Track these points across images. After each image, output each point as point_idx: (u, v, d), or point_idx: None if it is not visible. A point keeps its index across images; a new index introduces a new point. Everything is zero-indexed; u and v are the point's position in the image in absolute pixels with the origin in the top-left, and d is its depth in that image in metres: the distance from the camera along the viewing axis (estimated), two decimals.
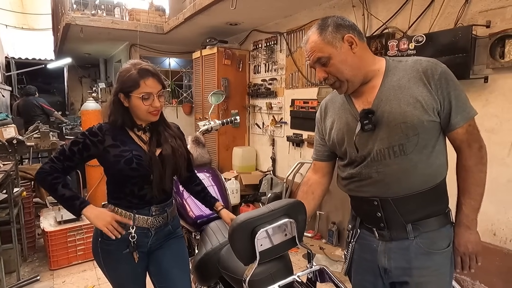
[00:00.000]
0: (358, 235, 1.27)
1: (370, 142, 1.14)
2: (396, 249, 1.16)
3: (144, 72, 1.33)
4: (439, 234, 1.15)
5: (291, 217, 1.14)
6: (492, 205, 2.26)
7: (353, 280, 1.32)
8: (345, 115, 1.21)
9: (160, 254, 1.49)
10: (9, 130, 3.64)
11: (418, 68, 1.11)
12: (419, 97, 1.08)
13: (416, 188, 1.12)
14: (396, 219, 1.14)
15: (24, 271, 2.87)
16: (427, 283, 1.14)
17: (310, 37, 1.15)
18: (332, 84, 1.17)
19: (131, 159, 1.34)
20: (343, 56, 1.11)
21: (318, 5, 3.48)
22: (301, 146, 3.89)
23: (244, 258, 1.11)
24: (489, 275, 2.26)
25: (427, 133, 1.10)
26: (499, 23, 2.14)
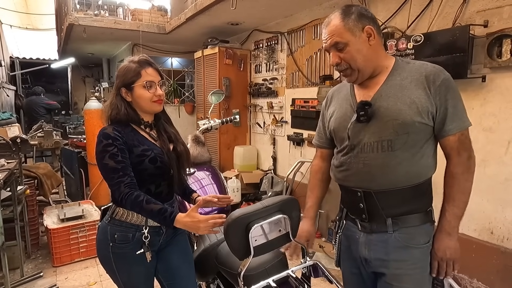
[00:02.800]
0: (344, 226, 1.32)
1: (362, 133, 1.18)
2: (376, 241, 1.20)
3: (143, 62, 1.36)
4: (418, 230, 1.17)
5: (285, 213, 1.17)
6: (489, 203, 2.28)
7: (342, 269, 1.37)
8: (346, 105, 1.26)
9: (169, 251, 1.47)
10: (13, 129, 3.70)
11: (422, 72, 1.14)
12: (416, 99, 1.11)
13: (398, 184, 1.15)
14: (377, 212, 1.18)
15: (28, 268, 2.91)
16: (403, 275, 1.16)
17: (332, 21, 1.16)
18: (343, 71, 1.20)
19: (155, 158, 1.33)
20: (360, 46, 1.14)
21: (318, 4, 3.50)
22: (301, 145, 3.91)
23: (238, 252, 1.14)
24: (486, 273, 2.28)
25: (417, 134, 1.13)
26: (497, 23, 2.15)
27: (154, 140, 1.41)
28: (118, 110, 1.35)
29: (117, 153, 1.27)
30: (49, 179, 3.46)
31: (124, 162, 1.27)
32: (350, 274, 1.33)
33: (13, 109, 6.88)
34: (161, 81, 1.39)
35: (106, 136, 1.29)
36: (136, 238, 1.33)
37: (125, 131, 1.34)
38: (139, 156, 1.31)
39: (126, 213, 1.34)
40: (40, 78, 9.21)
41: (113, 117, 1.36)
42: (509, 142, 2.15)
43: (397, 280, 1.17)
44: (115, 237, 1.33)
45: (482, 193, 2.30)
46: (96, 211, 3.30)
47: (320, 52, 3.57)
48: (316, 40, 3.60)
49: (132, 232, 1.34)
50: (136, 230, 1.34)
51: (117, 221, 1.35)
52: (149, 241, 1.35)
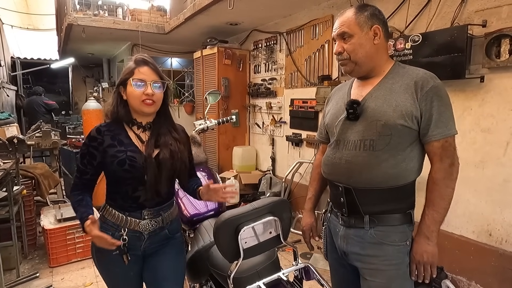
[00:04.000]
0: (328, 218, 1.39)
1: (348, 131, 1.24)
2: (353, 235, 1.25)
3: (139, 61, 1.34)
4: (394, 229, 1.20)
5: (275, 215, 1.15)
6: (488, 205, 2.25)
7: (329, 260, 1.44)
8: (340, 103, 1.32)
9: (156, 262, 1.44)
10: (11, 129, 3.70)
11: (413, 77, 1.18)
12: (401, 103, 1.15)
13: (377, 184, 1.18)
14: (356, 208, 1.23)
15: (24, 268, 2.91)
16: (376, 270, 1.20)
17: (346, 13, 1.23)
18: (342, 61, 1.25)
19: (124, 160, 1.29)
20: (364, 41, 1.20)
21: (317, 4, 3.48)
22: (300, 145, 3.89)
23: (228, 255, 1.13)
24: (484, 275, 2.25)
25: (400, 137, 1.16)
26: (495, 23, 2.12)
27: (141, 142, 1.36)
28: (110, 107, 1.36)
29: (85, 155, 1.32)
30: (47, 179, 3.46)
31: (85, 166, 1.32)
32: (336, 265, 1.39)
33: (13, 109, 6.89)
34: (156, 81, 1.33)
35: (89, 135, 1.34)
36: (114, 238, 1.30)
37: (111, 130, 1.34)
38: (111, 157, 1.30)
39: (108, 211, 1.37)
40: (41, 78, 9.23)
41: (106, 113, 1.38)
42: (508, 143, 2.13)
43: (369, 275, 1.21)
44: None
45: (480, 194, 2.28)
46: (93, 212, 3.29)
47: (318, 53, 3.55)
48: (315, 40, 3.58)
49: (112, 231, 1.33)
50: (115, 230, 1.34)
51: (102, 217, 1.38)
52: (127, 244, 1.33)
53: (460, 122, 2.36)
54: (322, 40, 3.49)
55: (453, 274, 2.42)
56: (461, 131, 2.36)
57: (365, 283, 1.23)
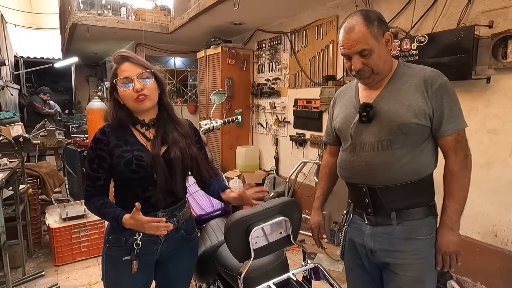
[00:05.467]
0: (350, 219, 1.40)
1: (363, 133, 1.26)
2: (381, 233, 1.27)
3: (118, 59, 1.26)
4: (421, 223, 1.24)
5: (285, 215, 1.16)
6: (493, 206, 2.25)
7: (346, 260, 1.45)
8: (350, 106, 1.34)
9: (170, 266, 1.38)
10: (16, 128, 3.72)
11: (421, 76, 1.21)
12: (413, 102, 1.19)
13: (399, 180, 1.22)
14: (381, 206, 1.25)
15: (30, 267, 2.92)
16: (407, 265, 1.23)
17: (355, 27, 1.18)
18: (363, 75, 1.23)
19: (131, 160, 1.23)
20: (382, 51, 1.20)
21: (321, 5, 3.49)
22: (304, 145, 3.90)
23: (239, 255, 1.13)
24: (490, 276, 2.25)
25: (415, 134, 1.21)
26: (502, 23, 2.12)
27: (147, 140, 1.30)
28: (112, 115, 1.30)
29: (94, 160, 1.26)
30: (52, 178, 3.47)
31: (96, 171, 1.26)
32: (353, 265, 1.40)
33: (17, 108, 6.91)
34: (139, 75, 1.23)
35: (93, 138, 1.28)
36: (128, 243, 1.27)
37: (116, 130, 1.29)
38: (117, 157, 1.25)
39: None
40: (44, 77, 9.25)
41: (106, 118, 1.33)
42: None
43: (401, 269, 1.24)
44: (110, 239, 1.30)
45: (486, 195, 2.28)
46: None
47: (323, 53, 3.55)
48: (319, 41, 3.58)
49: (125, 236, 1.27)
50: (129, 235, 1.27)
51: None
52: (140, 249, 1.27)
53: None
54: (326, 40, 3.49)
55: (458, 275, 2.42)
56: (467, 132, 2.36)
57: (397, 278, 1.25)
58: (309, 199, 3.74)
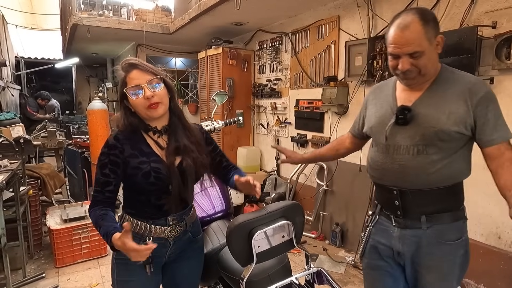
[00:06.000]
0: (376, 220, 1.39)
1: (398, 135, 1.25)
2: (409, 236, 1.27)
3: (127, 67, 1.24)
4: (450, 227, 1.25)
5: (288, 219, 1.14)
6: (497, 207, 2.24)
7: (366, 260, 1.44)
8: (386, 106, 1.32)
9: (177, 267, 1.39)
10: (17, 129, 3.71)
11: (465, 84, 1.19)
12: (455, 110, 1.17)
13: (433, 184, 1.22)
14: (412, 209, 1.26)
15: (30, 268, 2.91)
16: (433, 267, 1.25)
17: (411, 25, 1.13)
18: (409, 75, 1.20)
19: (149, 173, 1.22)
20: (432, 54, 1.18)
21: (323, 5, 3.47)
22: (305, 146, 3.88)
23: (241, 259, 1.12)
24: (493, 279, 2.24)
25: (453, 142, 1.20)
26: (505, 24, 2.11)
27: (161, 149, 1.28)
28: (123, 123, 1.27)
29: (106, 165, 1.21)
30: (52, 179, 3.46)
31: (108, 176, 1.21)
32: (374, 266, 1.40)
33: (17, 108, 6.91)
34: (149, 82, 1.21)
35: (106, 143, 1.25)
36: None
37: (129, 137, 1.26)
38: (134, 168, 1.22)
39: (130, 221, 1.27)
40: (45, 78, 9.25)
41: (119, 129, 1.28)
42: None
43: (427, 270, 1.26)
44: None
45: (489, 197, 2.26)
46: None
47: (324, 53, 3.53)
48: (321, 41, 3.57)
49: (136, 240, 1.22)
50: (140, 239, 1.25)
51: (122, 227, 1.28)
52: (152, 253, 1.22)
53: None
54: (328, 40, 3.47)
55: None
56: None
57: (421, 277, 1.28)
58: (311, 200, 3.73)
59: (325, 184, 3.50)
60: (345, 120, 3.35)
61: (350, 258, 3.05)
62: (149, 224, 1.28)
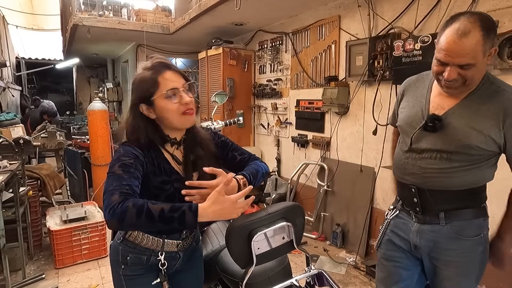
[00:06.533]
0: (396, 214, 1.41)
1: (424, 140, 1.24)
2: (428, 231, 1.28)
3: (158, 67, 1.10)
4: (469, 223, 1.24)
5: (288, 220, 1.13)
6: (498, 208, 2.20)
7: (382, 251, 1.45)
8: (417, 107, 1.28)
9: (183, 277, 1.32)
10: (17, 129, 3.70)
11: (502, 103, 1.13)
12: (486, 130, 1.14)
13: (452, 187, 1.22)
14: (430, 206, 1.26)
15: (30, 269, 2.90)
16: (451, 262, 1.26)
17: (471, 35, 1.04)
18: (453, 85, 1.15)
19: (173, 195, 1.11)
20: (482, 66, 1.12)
21: (323, 5, 3.46)
22: (306, 146, 3.87)
23: (241, 261, 1.11)
24: (495, 280, 2.22)
25: (479, 155, 1.19)
26: (507, 23, 2.09)
27: (178, 165, 1.17)
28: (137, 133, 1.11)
29: (130, 165, 1.04)
30: (52, 180, 3.45)
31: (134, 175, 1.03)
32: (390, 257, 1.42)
33: (18, 109, 6.91)
34: (186, 85, 1.12)
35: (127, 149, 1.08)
36: (151, 262, 1.18)
37: (147, 154, 1.11)
38: (156, 188, 1.10)
39: (141, 236, 1.16)
40: (45, 79, 9.27)
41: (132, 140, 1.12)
42: None
43: (444, 265, 1.27)
44: (128, 259, 1.17)
45: (491, 197, 2.22)
46: (99, 213, 3.28)
47: (325, 53, 3.52)
48: (321, 41, 3.56)
49: (147, 255, 1.18)
50: (151, 254, 1.18)
51: (130, 242, 1.17)
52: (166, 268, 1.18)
53: None
54: (328, 40, 3.46)
55: None
56: None
57: (440, 272, 1.28)
58: (311, 201, 3.72)
59: (325, 185, 3.49)
60: (345, 120, 3.33)
61: (351, 259, 3.04)
62: (162, 239, 1.18)
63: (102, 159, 4.10)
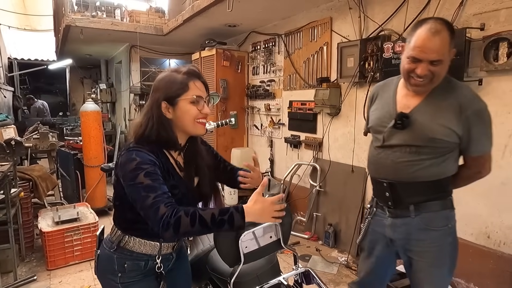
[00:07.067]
0: (374, 212, 1.53)
1: (395, 136, 1.37)
2: (400, 224, 1.40)
3: (192, 73, 1.16)
4: (437, 215, 1.37)
5: None
6: (486, 207, 2.26)
7: (366, 248, 1.58)
8: (386, 108, 1.42)
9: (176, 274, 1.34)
10: (9, 130, 3.68)
11: (459, 99, 1.29)
12: (447, 123, 1.29)
13: (420, 178, 1.34)
14: (400, 200, 1.38)
15: (22, 271, 2.89)
16: (423, 252, 1.37)
17: (442, 33, 1.19)
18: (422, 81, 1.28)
19: (182, 200, 1.12)
20: (447, 64, 1.27)
21: (316, 7, 3.49)
22: (298, 147, 3.90)
23: (229, 260, 1.13)
24: (483, 278, 2.26)
25: (442, 147, 1.32)
26: (493, 26, 2.13)
27: (180, 171, 1.20)
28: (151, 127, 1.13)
29: (154, 172, 1.06)
30: (44, 182, 3.44)
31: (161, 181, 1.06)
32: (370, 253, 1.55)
33: (10, 110, 6.86)
34: (207, 97, 1.19)
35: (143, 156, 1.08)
36: (149, 267, 1.20)
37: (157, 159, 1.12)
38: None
39: (137, 243, 1.18)
40: (38, 79, 9.21)
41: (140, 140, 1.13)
42: (506, 146, 2.14)
43: (418, 256, 1.38)
44: (125, 267, 1.18)
45: (479, 197, 2.28)
46: (91, 214, 3.27)
47: (317, 55, 3.55)
48: (314, 43, 3.59)
49: (144, 260, 1.20)
50: (148, 259, 1.20)
51: (126, 250, 1.18)
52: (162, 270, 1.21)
53: None
54: (320, 42, 3.49)
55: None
56: None
57: (414, 263, 1.40)
58: (304, 201, 3.74)
59: (318, 185, 3.51)
60: (337, 121, 3.37)
61: (343, 258, 3.07)
62: (160, 242, 1.20)
63: (95, 160, 4.09)
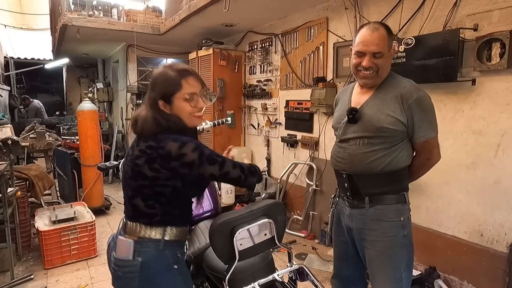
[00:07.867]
0: (336, 202, 1.67)
1: (349, 130, 1.53)
2: (357, 214, 1.53)
3: (184, 72, 1.22)
4: (390, 208, 1.48)
5: (270, 217, 1.17)
6: (479, 206, 2.29)
7: (333, 238, 1.74)
8: (343, 108, 1.60)
9: None
10: (5, 130, 3.68)
11: (400, 90, 1.45)
12: (391, 112, 1.44)
13: (373, 169, 1.46)
14: (357, 191, 1.51)
15: (18, 270, 2.89)
16: (376, 241, 1.49)
17: (379, 30, 1.41)
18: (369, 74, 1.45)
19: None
20: (389, 58, 1.47)
21: (312, 7, 3.51)
22: (295, 146, 3.92)
23: (224, 257, 1.14)
24: (476, 275, 2.29)
25: (392, 136, 1.46)
26: (486, 27, 2.16)
27: None
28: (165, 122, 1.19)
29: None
30: (41, 181, 3.44)
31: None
32: (339, 241, 1.68)
33: (6, 109, 6.84)
34: (202, 91, 1.25)
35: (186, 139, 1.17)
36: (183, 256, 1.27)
37: None
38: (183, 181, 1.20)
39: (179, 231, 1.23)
40: (35, 79, 9.17)
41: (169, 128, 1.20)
42: (499, 145, 2.17)
43: (370, 245, 1.50)
44: (179, 256, 1.23)
45: (472, 195, 2.31)
46: (88, 213, 3.28)
47: (313, 54, 3.57)
48: (310, 42, 3.61)
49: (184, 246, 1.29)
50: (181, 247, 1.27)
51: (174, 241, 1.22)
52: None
53: (452, 124, 2.39)
54: (317, 42, 3.51)
55: (445, 273, 2.46)
56: (453, 133, 2.40)
57: (367, 251, 1.51)
58: (300, 200, 3.77)
59: (314, 184, 3.54)
60: None
61: None
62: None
63: (92, 160, 4.10)
